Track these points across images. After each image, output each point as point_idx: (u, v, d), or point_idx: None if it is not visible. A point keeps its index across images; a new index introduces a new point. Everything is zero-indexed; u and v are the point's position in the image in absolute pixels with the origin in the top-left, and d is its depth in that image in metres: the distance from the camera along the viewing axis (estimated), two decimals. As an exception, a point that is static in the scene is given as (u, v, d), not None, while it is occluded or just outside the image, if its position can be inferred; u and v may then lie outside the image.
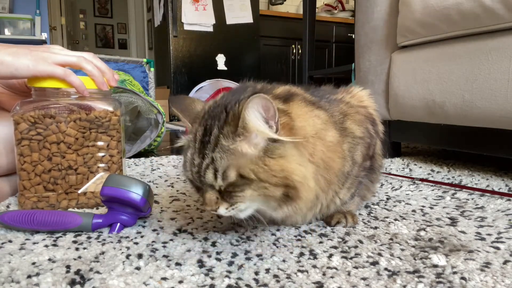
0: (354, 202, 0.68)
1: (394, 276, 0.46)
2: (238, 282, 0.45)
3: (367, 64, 1.37)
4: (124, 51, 6.35)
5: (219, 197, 0.51)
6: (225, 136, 0.49)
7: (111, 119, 0.75)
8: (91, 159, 0.74)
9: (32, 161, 0.71)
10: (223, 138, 0.49)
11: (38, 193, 0.72)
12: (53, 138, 0.71)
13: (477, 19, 0.97)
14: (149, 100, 1.47)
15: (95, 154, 0.74)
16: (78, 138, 0.72)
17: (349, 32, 4.14)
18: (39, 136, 0.71)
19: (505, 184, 0.94)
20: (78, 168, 0.73)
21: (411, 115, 1.23)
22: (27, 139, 0.70)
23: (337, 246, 0.56)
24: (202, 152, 0.50)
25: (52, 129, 0.71)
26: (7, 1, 3.55)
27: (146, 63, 2.74)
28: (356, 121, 0.61)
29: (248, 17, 3.63)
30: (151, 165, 1.23)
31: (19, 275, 0.46)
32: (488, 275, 0.46)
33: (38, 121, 0.70)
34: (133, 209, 0.62)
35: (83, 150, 0.73)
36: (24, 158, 0.71)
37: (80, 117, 0.72)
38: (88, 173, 0.74)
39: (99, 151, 0.74)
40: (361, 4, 1.38)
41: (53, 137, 0.71)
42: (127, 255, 0.52)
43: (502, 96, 0.93)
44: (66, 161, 0.72)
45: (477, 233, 0.61)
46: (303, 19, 2.22)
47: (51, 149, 0.71)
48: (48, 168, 0.71)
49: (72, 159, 0.72)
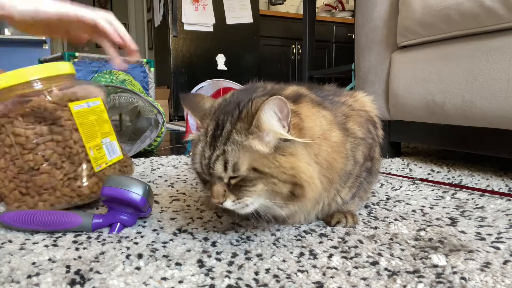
0: (355, 202, 0.68)
1: (394, 276, 0.46)
2: (238, 282, 0.45)
3: (367, 64, 1.37)
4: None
5: (226, 190, 0.52)
6: (238, 132, 0.50)
7: (46, 107, 0.66)
8: (52, 155, 0.66)
9: (1, 167, 0.67)
10: (236, 133, 0.50)
11: (16, 199, 0.68)
12: (8, 141, 0.66)
13: (477, 19, 0.97)
14: (149, 100, 1.47)
15: (55, 148, 0.67)
16: (28, 136, 0.65)
17: (349, 32, 4.14)
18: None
19: (505, 184, 0.94)
20: (39, 168, 0.66)
21: (411, 115, 1.23)
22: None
23: (337, 246, 0.56)
24: (213, 144, 0.51)
25: (4, 132, 0.66)
26: (7, 1, 3.55)
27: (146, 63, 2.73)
28: (358, 122, 0.63)
29: (248, 17, 3.63)
30: (151, 165, 1.23)
31: (19, 275, 0.46)
32: (488, 275, 0.46)
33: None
34: (133, 209, 0.62)
35: (39, 147, 0.66)
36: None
37: (20, 113, 0.65)
38: (53, 170, 0.67)
39: (58, 145, 0.67)
40: (361, 4, 1.38)
41: (7, 140, 0.66)
42: (127, 255, 0.52)
43: (502, 96, 0.93)
44: (26, 163, 0.66)
45: (477, 233, 0.61)
46: (303, 19, 2.22)
47: (10, 152, 0.66)
48: (16, 172, 0.67)
49: (29, 159, 0.66)
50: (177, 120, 3.51)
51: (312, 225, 0.66)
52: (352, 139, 0.61)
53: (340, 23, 4.20)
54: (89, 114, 0.72)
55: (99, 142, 0.72)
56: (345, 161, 0.59)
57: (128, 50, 0.75)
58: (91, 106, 0.74)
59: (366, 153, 0.63)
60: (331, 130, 0.57)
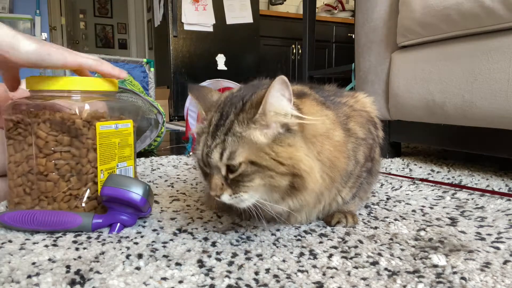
0: (355, 202, 0.68)
1: (394, 276, 0.46)
2: (238, 282, 0.45)
3: (367, 64, 1.37)
4: (124, 51, 6.35)
5: (224, 183, 0.52)
6: (239, 123, 0.51)
7: (74, 122, 0.66)
8: (63, 167, 0.66)
9: (15, 161, 0.68)
10: (237, 124, 0.51)
11: (19, 195, 0.68)
12: (29, 139, 0.66)
13: (477, 19, 0.97)
14: (149, 100, 1.47)
15: (69, 161, 0.66)
16: (48, 141, 0.65)
17: (349, 32, 4.14)
18: (20, 137, 0.67)
19: (505, 184, 0.94)
20: (48, 174, 0.66)
21: (411, 115, 1.23)
22: (12, 139, 0.68)
23: (337, 246, 0.56)
24: (215, 134, 0.53)
25: (28, 130, 0.66)
26: (7, 1, 3.56)
27: (146, 63, 2.74)
28: (359, 123, 0.63)
29: (248, 17, 3.63)
30: (151, 165, 1.23)
31: (19, 275, 0.46)
32: (488, 275, 0.46)
33: (20, 121, 0.67)
34: (133, 209, 0.62)
35: (54, 155, 0.66)
36: (10, 157, 0.69)
37: (49, 118, 0.65)
38: (60, 181, 0.66)
39: (73, 159, 0.67)
40: (361, 4, 1.38)
41: (29, 138, 0.66)
42: (127, 255, 0.52)
43: (502, 96, 0.93)
44: (37, 166, 0.66)
45: (477, 233, 0.61)
46: (303, 19, 2.22)
47: (27, 150, 0.66)
48: (27, 171, 0.67)
49: (41, 164, 0.66)
50: (177, 120, 3.52)
51: (312, 225, 0.66)
52: (353, 139, 0.61)
53: (340, 23, 4.21)
54: (113, 136, 0.71)
55: (114, 165, 0.72)
56: (347, 161, 0.59)
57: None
58: (119, 128, 0.72)
59: (367, 154, 0.64)
60: (334, 130, 0.57)
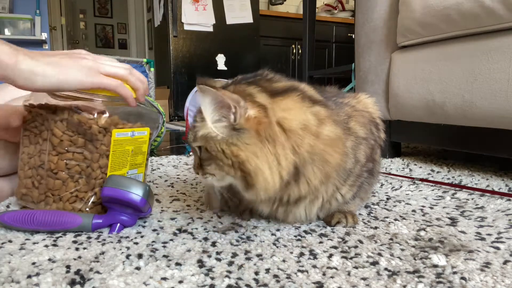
0: (355, 202, 0.68)
1: (394, 276, 0.46)
2: (238, 282, 0.45)
3: (367, 64, 1.37)
4: (124, 51, 6.35)
5: (199, 163, 0.58)
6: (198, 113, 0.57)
7: (91, 127, 0.66)
8: (74, 167, 0.66)
9: (28, 152, 0.69)
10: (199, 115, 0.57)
11: (27, 186, 0.69)
12: (44, 134, 0.66)
13: (477, 19, 0.97)
14: (149, 100, 1.47)
15: (80, 163, 0.66)
16: (63, 140, 0.65)
17: (349, 32, 4.14)
18: (36, 130, 0.68)
19: (505, 184, 0.94)
20: (58, 172, 0.66)
21: (411, 115, 1.23)
22: (28, 130, 0.69)
23: (337, 246, 0.56)
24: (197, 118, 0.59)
25: (45, 125, 0.66)
26: (7, 1, 3.55)
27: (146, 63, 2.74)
28: (360, 122, 0.64)
29: (248, 17, 3.63)
30: (151, 165, 1.23)
31: (19, 275, 0.46)
32: (488, 275, 0.46)
33: (39, 114, 0.67)
34: (133, 209, 0.62)
35: (66, 154, 0.66)
36: (23, 148, 0.69)
37: (67, 118, 0.65)
38: (68, 181, 0.66)
39: (84, 161, 0.66)
40: (361, 4, 1.38)
41: (44, 133, 0.66)
42: (127, 255, 0.52)
43: (502, 96, 0.93)
44: (48, 162, 0.65)
45: (477, 233, 0.61)
46: (303, 19, 2.22)
47: (42, 145, 0.67)
48: (38, 164, 0.67)
49: (53, 161, 0.65)
50: (177, 120, 3.51)
51: (312, 225, 0.66)
52: (353, 138, 0.61)
53: (340, 23, 4.21)
54: (127, 144, 0.70)
55: (125, 172, 0.72)
56: (343, 157, 0.59)
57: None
58: (135, 135, 0.71)
59: (368, 154, 0.64)
60: (321, 125, 0.56)
